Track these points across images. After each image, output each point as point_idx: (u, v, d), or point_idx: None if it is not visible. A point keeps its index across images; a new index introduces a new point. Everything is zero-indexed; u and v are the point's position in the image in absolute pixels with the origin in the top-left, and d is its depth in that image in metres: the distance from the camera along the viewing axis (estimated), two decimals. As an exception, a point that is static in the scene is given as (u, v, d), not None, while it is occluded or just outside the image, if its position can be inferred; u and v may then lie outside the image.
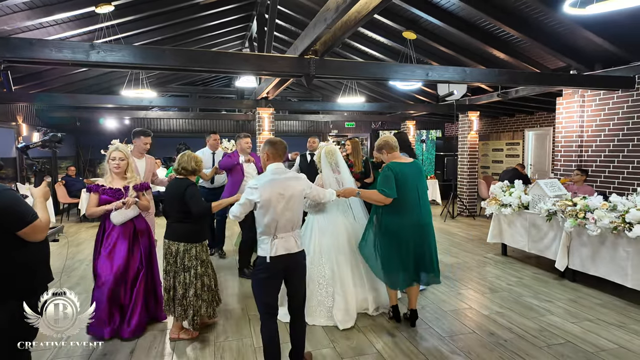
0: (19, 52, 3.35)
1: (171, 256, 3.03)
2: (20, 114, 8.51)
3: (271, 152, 2.62)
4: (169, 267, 3.04)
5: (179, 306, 3.02)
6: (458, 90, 7.68)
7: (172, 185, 3.14)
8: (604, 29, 4.80)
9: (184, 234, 3.03)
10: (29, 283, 1.89)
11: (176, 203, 3.02)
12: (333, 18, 3.02)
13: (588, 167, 6.10)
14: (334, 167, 3.62)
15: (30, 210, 1.83)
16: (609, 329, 3.30)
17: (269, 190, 2.44)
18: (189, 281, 3.01)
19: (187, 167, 3.07)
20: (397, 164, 3.19)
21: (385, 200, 3.09)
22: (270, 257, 2.44)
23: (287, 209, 2.47)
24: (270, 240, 2.46)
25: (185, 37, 7.34)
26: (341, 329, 3.26)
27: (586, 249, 4.19)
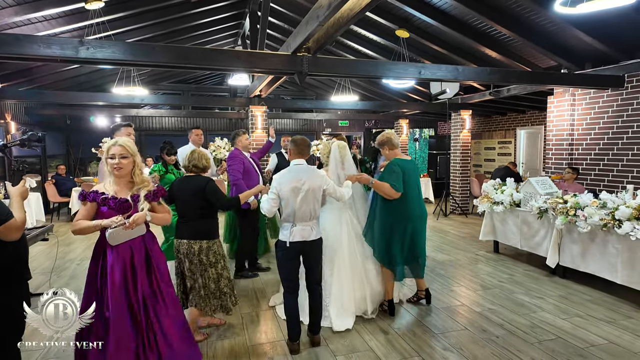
0: (6, 48, 3.29)
1: (194, 255, 2.91)
2: (9, 111, 8.37)
3: (293, 149, 2.97)
4: (194, 267, 2.92)
5: (214, 299, 2.96)
6: (450, 89, 7.72)
7: (186, 182, 3.04)
8: (594, 28, 4.85)
9: (205, 232, 2.96)
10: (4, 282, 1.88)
11: (195, 200, 2.94)
12: (325, 15, 3.00)
13: (578, 165, 6.16)
14: (339, 164, 3.55)
15: (5, 210, 1.82)
16: (599, 324, 3.34)
17: (288, 184, 2.81)
18: (219, 273, 2.99)
19: (198, 165, 3.03)
20: (401, 161, 3.38)
21: (395, 194, 3.26)
22: (289, 242, 2.81)
23: (304, 202, 2.81)
24: (290, 227, 2.83)
25: (177, 34, 7.29)
26: (335, 331, 3.21)
27: (577, 246, 4.24)
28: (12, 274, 1.92)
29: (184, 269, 2.96)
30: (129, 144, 2.28)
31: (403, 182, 3.27)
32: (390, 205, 3.34)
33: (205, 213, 2.99)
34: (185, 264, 2.94)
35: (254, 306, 3.78)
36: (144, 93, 7.66)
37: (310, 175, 2.87)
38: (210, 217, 3.04)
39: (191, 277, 2.95)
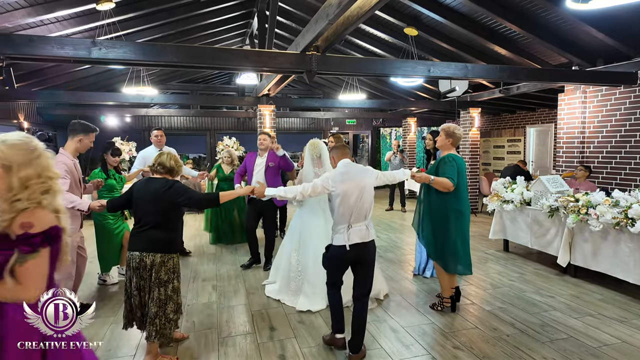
0: (21, 49, 3.35)
1: (145, 270, 2.59)
2: (22, 111, 8.51)
3: (335, 153, 2.93)
4: (143, 283, 2.61)
5: (150, 325, 2.60)
6: (459, 87, 7.67)
7: (148, 184, 2.70)
8: (606, 24, 4.79)
9: (161, 243, 2.62)
10: None
11: (155, 205, 2.62)
12: (335, 13, 3.01)
13: (590, 163, 6.09)
14: (316, 161, 3.64)
15: None
16: (611, 324, 3.31)
17: (346, 182, 2.72)
18: (165, 297, 2.62)
19: (165, 164, 2.71)
20: (457, 156, 3.49)
21: (451, 187, 3.34)
22: (348, 245, 2.67)
23: (360, 199, 2.72)
24: (346, 229, 2.70)
25: (186, 34, 7.34)
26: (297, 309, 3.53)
27: (588, 245, 4.19)
28: None
29: (132, 287, 2.63)
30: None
31: (458, 175, 3.39)
32: (443, 201, 3.42)
33: (165, 221, 2.65)
34: (134, 280, 2.61)
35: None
36: (154, 93, 7.73)
37: (365, 174, 2.84)
38: (170, 227, 2.68)
39: (138, 296, 2.62)
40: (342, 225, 2.71)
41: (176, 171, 2.77)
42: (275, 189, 2.97)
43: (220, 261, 5.22)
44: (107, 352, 2.94)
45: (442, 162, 3.46)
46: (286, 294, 3.79)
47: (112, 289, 4.23)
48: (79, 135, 3.19)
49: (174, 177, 2.78)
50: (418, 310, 3.63)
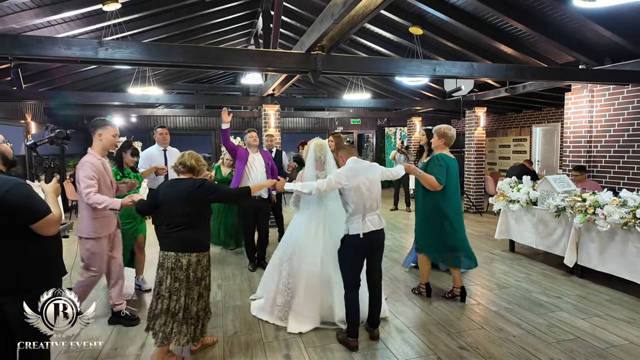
0: (29, 49, 3.37)
1: (181, 270, 2.59)
2: (29, 112, 8.58)
3: (343, 152, 3.11)
4: (179, 285, 2.59)
5: (189, 326, 2.61)
6: (465, 86, 7.63)
7: (173, 185, 2.71)
8: (613, 23, 4.74)
9: (194, 243, 2.65)
10: (44, 276, 1.92)
11: (183, 206, 2.63)
12: (340, 12, 3.00)
13: (597, 163, 6.04)
14: (318, 163, 3.45)
15: (44, 205, 1.86)
16: (619, 324, 3.28)
17: (357, 176, 2.91)
18: (200, 293, 2.67)
19: (185, 163, 2.70)
20: (447, 157, 3.65)
21: (438, 186, 3.52)
22: (363, 233, 2.86)
23: (371, 191, 2.94)
24: (361, 219, 2.89)
25: (191, 34, 7.37)
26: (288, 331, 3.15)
27: (595, 245, 4.16)
28: (50, 268, 1.97)
29: (163, 288, 2.61)
30: None
31: (447, 175, 3.55)
32: (430, 198, 3.63)
33: (196, 221, 2.67)
34: (167, 281, 2.59)
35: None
36: (159, 93, 7.77)
37: (372, 169, 3.06)
38: (201, 225, 2.71)
39: (170, 298, 2.59)
40: (358, 215, 2.91)
41: (198, 169, 2.75)
42: (293, 184, 3.09)
43: (226, 261, 5.24)
44: (114, 350, 2.96)
45: (432, 161, 3.67)
46: (271, 313, 3.37)
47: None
48: (98, 131, 3.10)
49: (198, 175, 2.77)
50: (423, 310, 3.62)
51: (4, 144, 1.93)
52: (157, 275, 2.67)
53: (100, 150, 3.14)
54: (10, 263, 1.82)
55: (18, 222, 1.79)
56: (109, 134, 3.13)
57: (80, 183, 2.96)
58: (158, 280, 2.65)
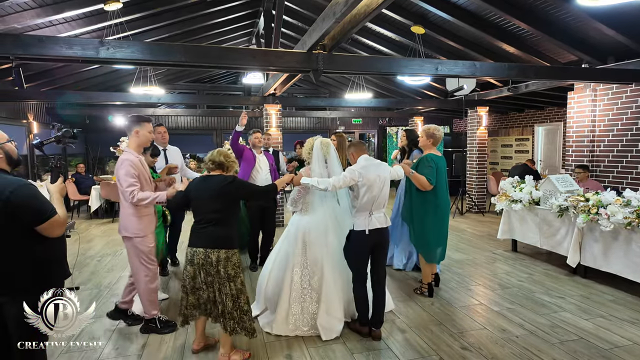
0: (30, 49, 3.37)
1: (211, 266, 2.60)
2: (31, 111, 8.60)
3: (354, 150, 3.15)
4: (211, 279, 2.62)
5: (230, 320, 2.62)
6: (468, 85, 7.61)
7: (204, 182, 2.73)
8: (617, 21, 4.71)
9: (223, 240, 2.64)
10: (47, 277, 1.91)
11: (213, 202, 2.64)
12: (342, 11, 2.99)
13: (600, 163, 6.01)
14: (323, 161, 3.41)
15: (50, 206, 1.84)
16: (623, 325, 3.26)
17: (370, 174, 2.96)
18: (237, 290, 2.64)
19: (215, 160, 2.72)
20: (435, 156, 3.75)
21: (429, 186, 3.63)
22: (368, 230, 2.93)
23: (381, 189, 3.01)
24: (367, 216, 2.96)
25: (193, 34, 7.36)
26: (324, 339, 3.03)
27: (598, 245, 4.14)
28: (54, 269, 1.95)
29: (199, 281, 2.65)
30: None
31: (436, 174, 3.66)
32: (424, 196, 3.72)
33: (226, 218, 2.68)
34: (200, 276, 2.64)
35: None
36: (161, 92, 7.77)
37: (382, 168, 3.11)
38: (230, 222, 2.72)
39: (207, 290, 2.64)
40: (365, 212, 2.97)
41: (227, 166, 2.76)
42: (310, 179, 3.05)
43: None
44: (115, 350, 2.95)
45: (422, 162, 3.73)
46: (285, 324, 3.13)
47: (117, 290, 4.24)
48: (135, 128, 3.04)
49: (228, 172, 2.78)
50: (425, 310, 3.60)
51: (9, 143, 1.90)
52: (185, 271, 2.69)
53: (137, 148, 3.09)
54: (14, 264, 1.80)
55: (23, 223, 1.77)
56: (145, 130, 3.08)
57: (122, 183, 2.92)
58: (190, 276, 2.67)
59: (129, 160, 2.94)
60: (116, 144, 7.99)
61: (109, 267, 4.98)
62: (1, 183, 1.75)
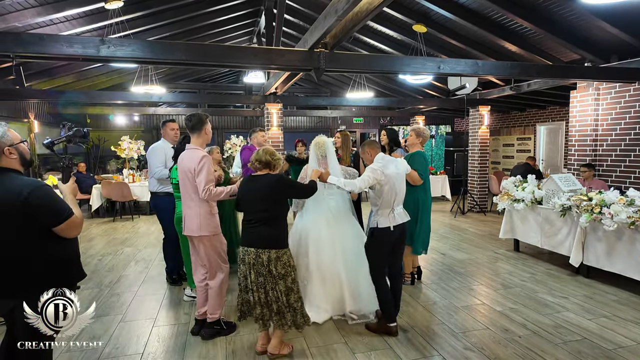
0: (31, 47, 3.36)
1: (262, 266, 2.61)
2: (32, 110, 8.60)
3: (370, 148, 3.17)
4: (262, 279, 2.63)
5: (282, 317, 2.68)
6: (470, 84, 7.58)
7: (252, 182, 2.74)
8: (620, 19, 4.68)
9: (273, 240, 2.66)
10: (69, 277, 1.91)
11: (262, 201, 2.65)
12: (344, 9, 2.97)
13: (603, 162, 5.98)
14: (321, 160, 3.48)
15: (67, 206, 1.83)
16: (626, 325, 3.23)
17: (390, 170, 3.01)
18: (287, 289, 2.66)
19: (261, 159, 2.70)
20: (424, 154, 3.99)
21: (420, 181, 3.83)
22: (393, 226, 3.00)
23: (401, 185, 3.10)
24: (390, 212, 3.02)
25: (194, 32, 7.35)
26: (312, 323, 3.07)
27: (602, 245, 4.11)
28: (73, 270, 1.94)
29: (249, 282, 2.67)
30: None
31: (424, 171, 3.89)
32: (414, 193, 3.85)
33: (275, 217, 2.69)
34: (250, 276, 2.64)
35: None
36: (162, 91, 7.76)
37: (398, 163, 3.17)
38: (280, 222, 2.72)
39: (258, 290, 2.66)
40: (387, 209, 3.02)
41: (273, 164, 2.75)
42: (337, 178, 3.08)
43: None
44: (115, 349, 2.94)
45: (415, 159, 3.88)
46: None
47: (118, 289, 4.24)
48: (204, 127, 3.00)
49: (275, 170, 2.77)
50: (427, 310, 3.58)
51: (22, 144, 1.87)
52: (239, 270, 2.72)
53: (202, 145, 3.05)
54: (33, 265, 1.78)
55: (41, 224, 1.75)
56: (209, 127, 3.06)
57: (203, 180, 2.84)
58: (243, 275, 2.70)
59: (208, 158, 2.90)
60: (117, 143, 8.00)
61: (110, 266, 4.97)
62: (18, 184, 1.72)
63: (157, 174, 4.13)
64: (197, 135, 2.99)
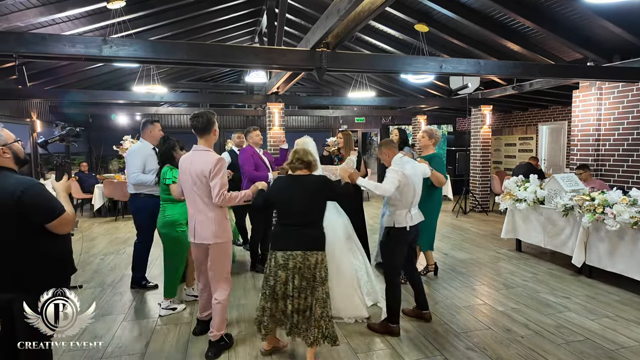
0: (33, 47, 3.36)
1: (309, 270, 2.49)
2: (35, 110, 8.62)
3: (388, 149, 3.20)
4: (305, 284, 2.50)
5: (315, 328, 2.49)
6: (472, 84, 7.56)
7: (291, 181, 2.61)
8: (623, 19, 4.66)
9: (319, 242, 2.56)
10: (63, 272, 1.97)
11: (313, 201, 2.56)
12: (347, 9, 2.96)
13: (605, 162, 5.97)
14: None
15: (58, 204, 1.87)
16: (629, 325, 3.23)
17: (409, 170, 3.04)
18: (326, 295, 2.53)
19: (303, 159, 2.61)
20: (440, 155, 4.15)
21: (444, 182, 3.95)
22: (410, 226, 3.06)
23: (419, 185, 3.15)
24: (406, 213, 3.06)
25: (195, 32, 7.35)
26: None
27: (604, 245, 4.10)
28: (67, 265, 2.01)
29: (290, 288, 2.50)
30: None
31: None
32: (431, 193, 3.90)
33: (320, 218, 2.61)
34: (294, 282, 2.49)
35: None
36: (163, 91, 7.77)
37: (415, 164, 3.21)
38: (320, 223, 2.62)
39: (299, 297, 2.50)
40: (404, 210, 3.06)
41: (313, 165, 2.67)
42: (367, 182, 3.09)
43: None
44: (118, 348, 2.95)
45: (434, 160, 3.95)
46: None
47: (120, 289, 4.24)
48: (214, 127, 2.79)
49: (312, 170, 2.68)
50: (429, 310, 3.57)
51: (16, 143, 1.93)
52: (274, 277, 2.53)
53: (212, 146, 2.83)
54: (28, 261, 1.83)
55: (34, 221, 1.80)
56: (217, 127, 2.84)
57: (219, 182, 2.63)
58: (282, 282, 2.51)
59: (224, 160, 2.71)
60: (119, 143, 8.00)
61: (112, 265, 4.98)
62: (12, 183, 1.78)
63: (132, 179, 3.86)
64: (207, 136, 2.78)
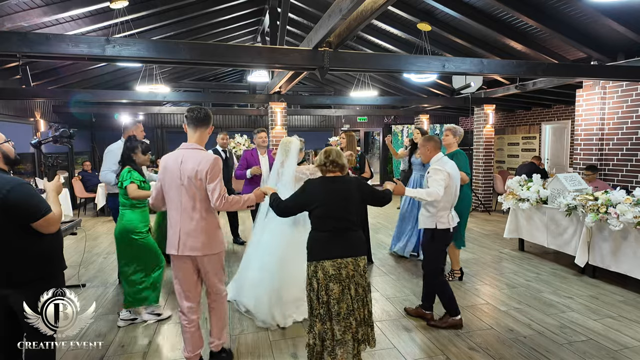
0: (37, 47, 3.38)
1: (361, 276, 2.38)
2: (38, 110, 8.65)
3: (433, 147, 3.20)
4: (362, 290, 2.38)
5: (369, 331, 2.43)
6: (475, 83, 7.54)
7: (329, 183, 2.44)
8: (627, 17, 4.64)
9: (365, 245, 2.46)
10: (47, 269, 1.99)
11: (355, 205, 2.45)
12: (349, 8, 2.96)
13: (609, 161, 5.94)
14: (285, 159, 3.47)
15: (45, 204, 1.90)
16: (632, 326, 3.21)
17: (449, 169, 3.05)
18: (370, 298, 2.46)
19: (337, 161, 2.45)
20: (464, 152, 4.13)
21: (467, 180, 4.00)
22: (452, 227, 3.12)
23: (458, 184, 3.17)
24: (448, 214, 3.10)
25: (198, 32, 7.36)
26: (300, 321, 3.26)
27: (607, 245, 4.08)
28: (54, 263, 2.03)
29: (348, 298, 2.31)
30: None
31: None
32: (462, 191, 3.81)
33: (361, 221, 2.51)
34: (350, 291, 2.32)
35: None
36: (166, 90, 7.79)
37: (452, 163, 3.19)
38: (359, 225, 2.50)
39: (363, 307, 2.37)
40: (446, 211, 3.09)
41: (346, 168, 2.54)
42: (416, 190, 3.07)
43: (230, 258, 5.23)
44: (121, 347, 2.96)
45: (458, 158, 3.91)
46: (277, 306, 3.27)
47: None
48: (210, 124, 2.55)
49: (344, 172, 2.53)
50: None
51: (6, 144, 1.96)
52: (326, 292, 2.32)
53: (203, 144, 2.54)
54: (17, 258, 1.87)
55: (20, 220, 1.84)
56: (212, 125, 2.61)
57: (219, 184, 2.37)
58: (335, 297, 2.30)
59: (219, 159, 2.44)
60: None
61: (115, 264, 4.98)
62: None
63: (101, 176, 3.80)
64: (202, 131, 2.47)
